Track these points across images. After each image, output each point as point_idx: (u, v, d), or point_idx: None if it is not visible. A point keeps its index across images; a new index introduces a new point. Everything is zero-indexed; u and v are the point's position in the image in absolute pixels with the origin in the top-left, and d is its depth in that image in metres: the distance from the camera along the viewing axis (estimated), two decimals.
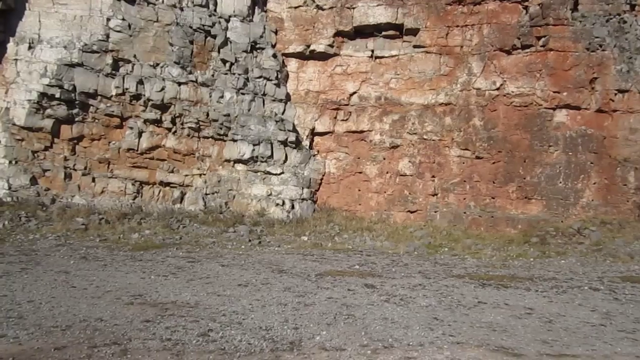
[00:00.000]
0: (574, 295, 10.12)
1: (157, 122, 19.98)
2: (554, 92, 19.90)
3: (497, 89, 20.43)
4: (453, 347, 6.17)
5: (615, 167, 19.65)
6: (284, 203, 20.18)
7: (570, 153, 19.84)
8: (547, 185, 19.78)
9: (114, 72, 19.53)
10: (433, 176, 20.94)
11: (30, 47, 19.37)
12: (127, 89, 19.42)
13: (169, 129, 20.16)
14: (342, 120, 21.94)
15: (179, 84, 20.02)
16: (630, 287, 11.27)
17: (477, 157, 20.39)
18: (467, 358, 5.74)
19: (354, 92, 21.87)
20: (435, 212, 20.49)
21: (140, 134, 19.78)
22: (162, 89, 19.72)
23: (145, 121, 19.85)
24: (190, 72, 20.40)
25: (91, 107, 19.44)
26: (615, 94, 19.76)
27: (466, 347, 6.19)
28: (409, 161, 21.22)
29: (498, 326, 7.32)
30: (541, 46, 20.08)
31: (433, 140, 21.07)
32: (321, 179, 21.48)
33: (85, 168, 19.44)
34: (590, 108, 19.89)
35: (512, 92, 20.29)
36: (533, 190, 19.90)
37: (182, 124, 20.18)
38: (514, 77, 20.34)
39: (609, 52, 19.86)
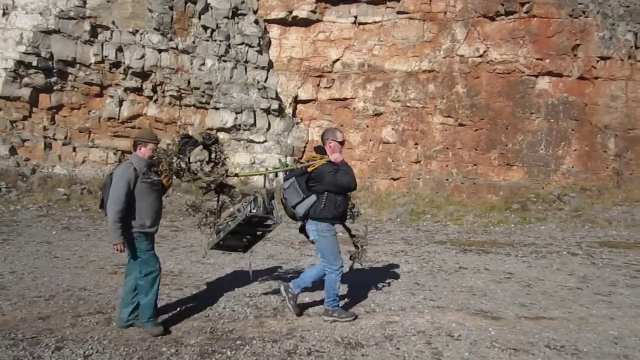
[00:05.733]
0: (553, 260, 10.32)
1: (138, 91, 19.69)
2: (537, 59, 19.92)
3: (481, 55, 20.40)
4: (434, 311, 6.28)
5: (596, 134, 19.86)
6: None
7: (552, 120, 19.98)
8: (528, 152, 19.96)
9: (92, 39, 19.12)
10: (416, 144, 21.01)
11: (4, 14, 18.86)
12: (106, 56, 19.06)
13: (150, 98, 19.89)
14: (325, 87, 21.83)
15: (160, 51, 19.70)
16: (607, 251, 11.51)
17: (460, 125, 20.46)
18: (447, 321, 5.86)
19: (337, 59, 21.71)
20: (418, 179, 20.61)
21: (120, 102, 19.50)
22: (142, 56, 19.39)
23: (126, 89, 19.55)
24: (171, 39, 20.06)
25: (70, 75, 19.05)
26: (597, 61, 19.85)
27: (446, 311, 6.31)
28: (392, 129, 21.25)
29: (478, 290, 7.46)
30: (525, 12, 20.02)
31: (416, 107, 21.08)
32: (304, 147, 21.45)
33: (65, 137, 19.18)
34: (572, 75, 19.98)
35: (495, 59, 20.28)
36: (515, 157, 20.08)
37: (163, 92, 19.92)
38: (497, 44, 20.31)
39: (591, 18, 19.87)
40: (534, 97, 20.15)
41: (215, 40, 20.61)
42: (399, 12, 21.14)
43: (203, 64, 20.18)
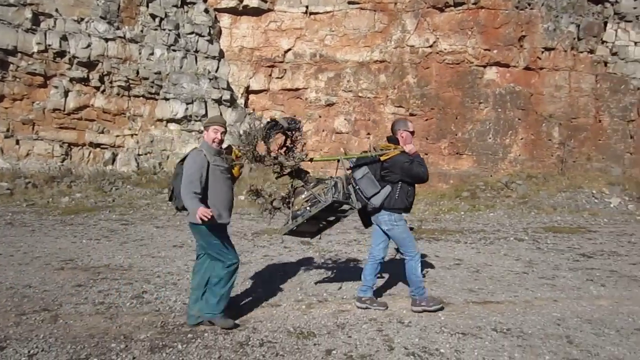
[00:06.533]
0: (500, 246, 10.61)
1: (84, 81, 19.09)
2: (485, 49, 20.35)
3: (430, 46, 20.69)
4: (385, 298, 6.37)
5: (541, 123, 20.48)
6: None
7: (500, 110, 20.49)
8: (477, 141, 20.41)
9: (34, 27, 18.39)
10: (368, 133, 21.17)
11: None
12: (49, 45, 18.38)
13: (97, 88, 19.33)
14: (277, 77, 21.71)
15: (106, 40, 19.15)
16: (552, 236, 11.91)
17: (411, 114, 20.72)
18: (398, 308, 5.96)
19: (289, 49, 21.61)
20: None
21: (66, 93, 18.86)
22: (88, 45, 18.81)
23: (71, 80, 18.92)
24: (118, 28, 19.53)
25: (11, 65, 18.24)
26: (542, 52, 20.44)
27: (397, 299, 6.41)
28: (345, 119, 21.35)
29: (428, 277, 7.60)
30: (473, 4, 20.39)
31: (368, 97, 21.23)
32: None
33: (7, 130, 18.40)
34: (518, 66, 20.51)
35: (445, 49, 20.60)
36: (464, 146, 20.50)
37: (110, 82, 19.39)
38: (446, 35, 20.64)
39: (537, 10, 20.43)
40: (482, 87, 20.60)
41: (164, 30, 20.20)
42: (350, 2, 21.18)
43: (152, 54, 19.75)
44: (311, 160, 6.00)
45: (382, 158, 5.83)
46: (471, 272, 8.12)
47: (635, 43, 21.08)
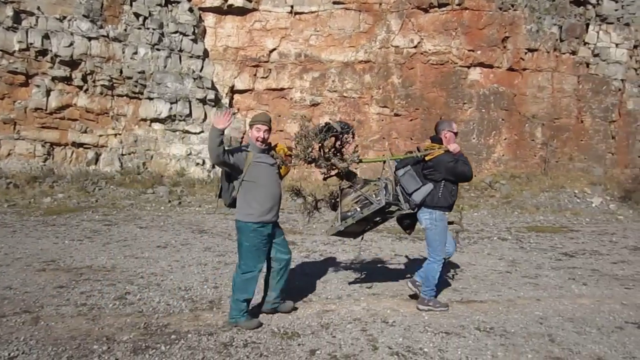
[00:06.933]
0: (484, 246, 10.69)
1: (67, 80, 18.87)
2: (469, 50, 20.49)
3: (415, 46, 20.77)
4: (369, 298, 6.39)
5: (524, 124, 20.66)
6: (204, 162, 19.85)
7: (483, 110, 20.63)
8: (461, 141, 20.44)
9: (15, 25, 18.15)
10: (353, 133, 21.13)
11: None
12: (31, 44, 18.14)
13: (80, 87, 19.11)
14: (262, 77, 21.64)
15: (89, 39, 18.95)
16: (535, 236, 12.03)
17: (396, 115, 20.80)
18: (382, 308, 5.97)
19: (274, 49, 21.56)
20: (356, 168, 20.77)
21: (48, 92, 18.64)
22: (71, 44, 18.60)
23: (54, 79, 18.69)
24: (101, 27, 19.35)
25: None
26: (525, 53, 20.62)
27: (382, 298, 6.43)
28: (330, 119, 21.30)
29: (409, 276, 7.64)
30: (457, 5, 20.50)
31: (353, 97, 21.25)
32: (242, 138, 21.25)
33: None
34: (502, 66, 20.68)
35: (429, 50, 20.70)
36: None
37: (94, 81, 19.18)
38: (431, 36, 20.73)
39: (520, 11, 20.61)
40: (466, 87, 20.73)
41: (148, 29, 20.03)
42: (334, 3, 21.18)
43: (135, 53, 19.59)
44: (360, 161, 6.06)
45: (426, 158, 5.98)
46: (455, 271, 8.17)
47: (617, 45, 21.36)
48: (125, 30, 19.78)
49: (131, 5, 19.95)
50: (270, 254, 5.46)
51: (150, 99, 19.63)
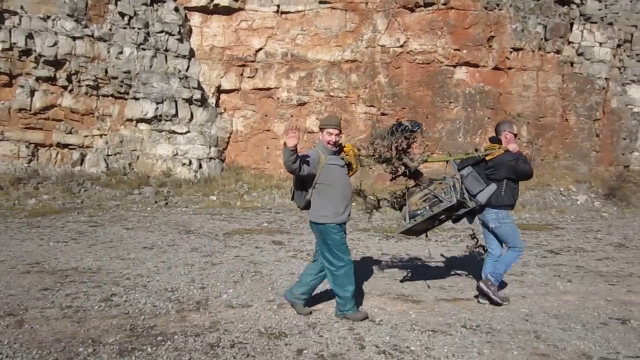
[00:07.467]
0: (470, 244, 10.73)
1: (51, 80, 18.69)
2: (455, 49, 20.57)
3: (401, 46, 20.81)
4: (357, 297, 6.41)
5: None
6: (190, 163, 19.76)
7: (469, 109, 20.74)
8: (448, 140, 20.62)
9: None
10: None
11: None
12: (15, 43, 17.94)
13: (65, 87, 18.93)
14: (249, 77, 21.57)
15: (74, 38, 18.78)
16: (520, 234, 12.08)
17: (383, 114, 20.81)
18: (369, 307, 5.99)
19: (260, 48, 21.49)
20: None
21: (32, 92, 18.44)
22: (55, 43, 18.42)
23: (38, 79, 18.50)
24: (86, 26, 19.17)
25: None
26: (511, 52, 20.76)
27: (369, 297, 6.45)
28: (317, 118, 21.29)
29: (399, 275, 7.67)
30: (443, 4, 20.57)
31: (340, 97, 21.25)
32: (229, 138, 21.18)
33: None
34: (487, 66, 20.79)
35: (415, 49, 20.75)
36: (435, 145, 20.60)
37: (79, 81, 19.01)
38: (417, 35, 20.78)
39: (505, 11, 20.74)
40: (452, 86, 20.82)
41: (134, 28, 19.88)
42: (321, 2, 21.16)
43: (121, 52, 19.43)
44: (425, 160, 6.14)
45: (487, 158, 6.15)
46: (442, 269, 8.22)
47: (600, 44, 21.57)
48: (111, 29, 19.62)
49: (116, 4, 19.79)
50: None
51: (136, 99, 19.49)
